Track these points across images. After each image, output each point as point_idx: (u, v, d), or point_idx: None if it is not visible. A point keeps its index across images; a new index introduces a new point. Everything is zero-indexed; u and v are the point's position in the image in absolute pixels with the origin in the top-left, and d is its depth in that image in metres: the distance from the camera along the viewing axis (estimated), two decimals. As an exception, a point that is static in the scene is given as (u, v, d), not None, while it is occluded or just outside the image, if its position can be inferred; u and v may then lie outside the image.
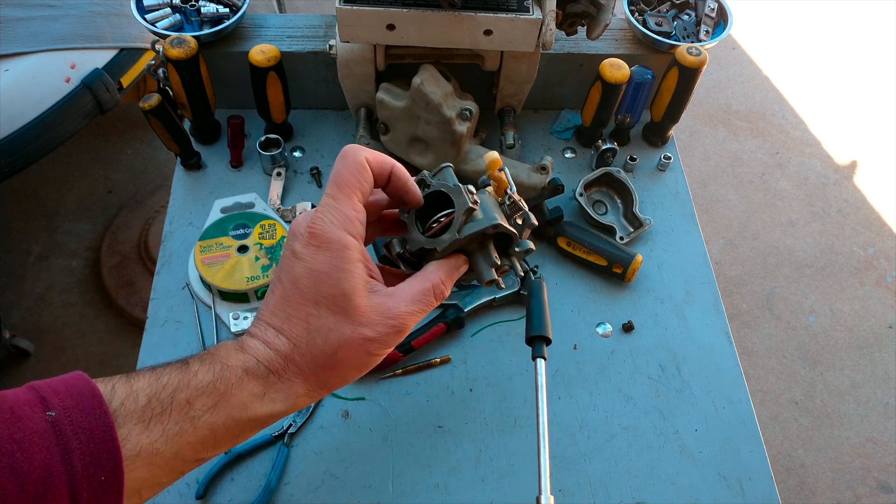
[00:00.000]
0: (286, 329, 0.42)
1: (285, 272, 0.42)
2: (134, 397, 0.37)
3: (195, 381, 0.39)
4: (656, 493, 0.70)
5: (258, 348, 0.42)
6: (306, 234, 0.42)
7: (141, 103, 0.81)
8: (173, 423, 0.38)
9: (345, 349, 0.42)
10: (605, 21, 0.80)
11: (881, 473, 1.63)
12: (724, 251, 1.99)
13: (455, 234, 0.45)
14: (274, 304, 0.43)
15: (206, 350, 0.42)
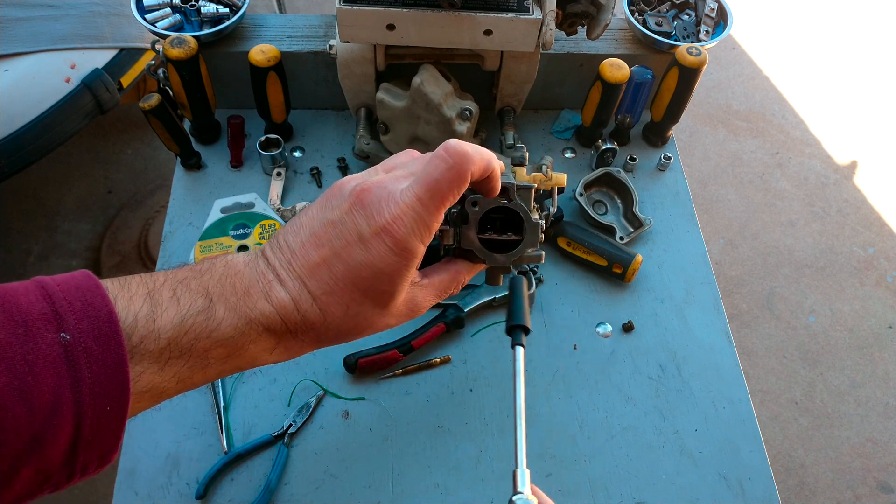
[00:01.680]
0: (323, 301, 0.41)
1: (341, 243, 0.40)
2: (155, 337, 0.36)
3: (217, 332, 0.38)
4: (656, 493, 0.70)
5: (286, 306, 0.40)
6: (382, 228, 0.40)
7: (141, 103, 0.81)
8: (186, 368, 0.38)
9: (367, 330, 0.43)
10: (605, 21, 0.80)
11: (881, 473, 1.63)
12: (724, 251, 1.99)
13: (509, 263, 0.47)
14: (316, 264, 0.41)
15: (226, 271, 0.40)
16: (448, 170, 0.40)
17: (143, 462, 0.68)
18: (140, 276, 0.39)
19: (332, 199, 0.42)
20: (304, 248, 0.41)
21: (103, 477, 1.50)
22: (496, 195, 0.46)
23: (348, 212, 0.41)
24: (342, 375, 0.75)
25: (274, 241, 0.43)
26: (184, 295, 0.38)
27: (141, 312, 0.36)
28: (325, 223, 0.41)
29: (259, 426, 0.71)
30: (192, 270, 0.40)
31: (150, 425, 0.70)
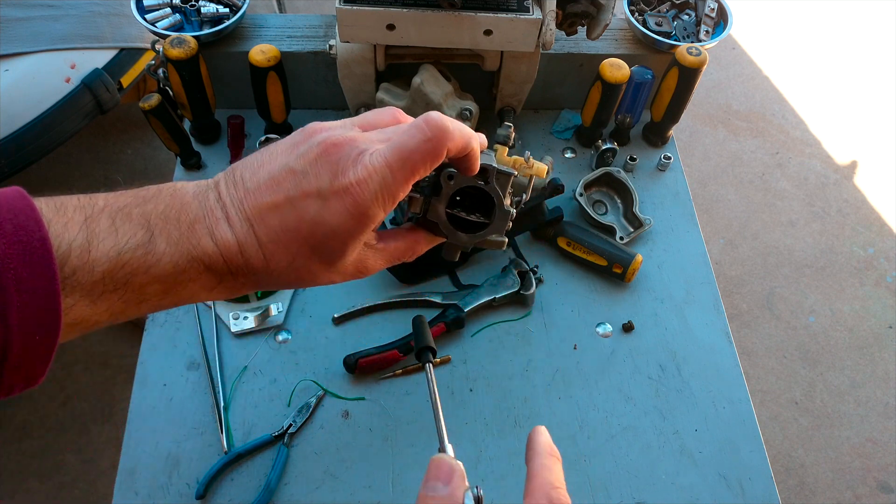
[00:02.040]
0: (269, 249, 0.39)
1: (298, 193, 0.38)
2: (89, 270, 0.34)
3: (156, 269, 0.36)
4: (656, 493, 0.70)
5: (230, 248, 0.38)
6: (344, 187, 0.37)
7: (141, 103, 0.81)
8: (120, 302, 0.36)
9: (309, 283, 0.42)
10: (605, 21, 0.80)
11: (881, 473, 1.63)
12: (724, 251, 1.99)
13: (472, 244, 0.46)
14: (269, 209, 0.38)
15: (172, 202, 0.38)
16: (424, 142, 0.38)
17: (144, 462, 0.68)
18: (77, 199, 0.36)
19: (299, 145, 0.40)
20: (260, 189, 0.39)
21: (103, 477, 1.51)
22: (473, 174, 0.44)
23: (313, 162, 0.38)
24: (342, 375, 0.75)
25: (230, 173, 0.40)
26: (123, 225, 0.36)
27: (76, 242, 0.34)
28: (287, 169, 0.39)
29: (259, 426, 0.71)
30: (136, 196, 0.38)
31: (150, 425, 0.70)
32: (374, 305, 0.80)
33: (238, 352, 0.76)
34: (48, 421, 1.53)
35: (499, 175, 0.45)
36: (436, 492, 0.34)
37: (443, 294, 0.80)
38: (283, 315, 0.78)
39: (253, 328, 0.77)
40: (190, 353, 0.75)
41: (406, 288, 0.82)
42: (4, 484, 1.45)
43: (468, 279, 0.83)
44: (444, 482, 0.35)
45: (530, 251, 0.86)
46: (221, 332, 0.77)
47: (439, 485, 0.35)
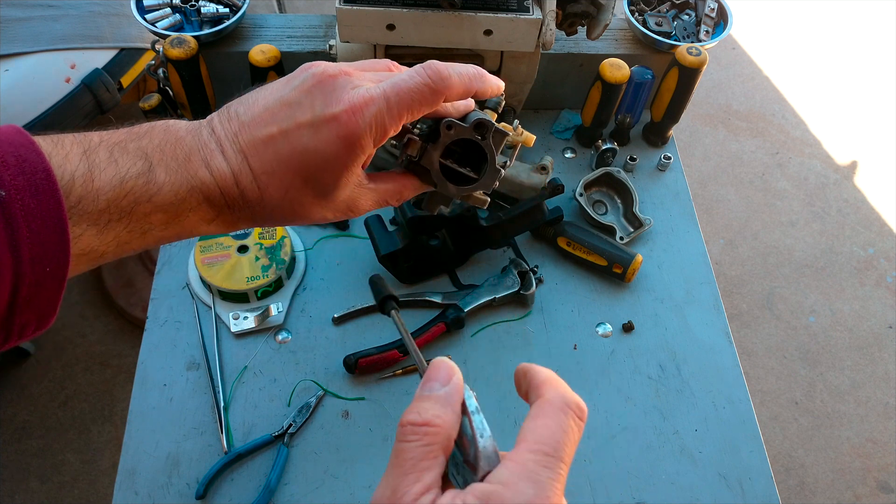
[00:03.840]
0: (263, 180, 0.39)
1: (291, 123, 0.39)
2: (94, 198, 0.34)
3: (158, 197, 0.37)
4: (656, 493, 0.70)
5: (226, 179, 0.39)
6: (336, 115, 0.38)
7: (141, 103, 0.81)
8: (126, 232, 0.36)
9: (303, 218, 0.42)
10: (605, 21, 0.80)
11: (881, 473, 1.63)
12: (724, 251, 1.99)
13: (459, 196, 0.47)
14: (263, 141, 0.39)
15: (166, 136, 0.38)
16: (423, 85, 0.39)
17: (144, 462, 0.68)
18: (73, 135, 0.36)
19: (293, 79, 0.40)
20: (254, 122, 0.39)
21: (103, 477, 1.51)
22: (487, 97, 0.46)
23: (307, 92, 0.39)
24: (342, 375, 0.75)
25: (225, 110, 0.41)
26: (121, 157, 0.36)
27: (78, 171, 0.34)
28: (281, 101, 0.39)
29: (259, 426, 0.71)
30: (129, 133, 0.38)
31: (150, 425, 0.70)
32: (374, 305, 0.80)
33: (238, 352, 0.76)
34: (48, 421, 1.53)
35: (495, 133, 0.46)
36: (432, 391, 0.34)
37: (443, 294, 0.80)
38: (283, 315, 0.78)
39: (253, 328, 0.77)
40: (190, 353, 0.75)
41: (406, 288, 0.82)
42: (4, 484, 1.45)
43: (468, 279, 0.83)
44: (442, 382, 0.34)
45: (530, 251, 0.86)
46: (221, 332, 0.77)
47: (437, 384, 0.34)
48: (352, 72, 0.41)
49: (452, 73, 0.40)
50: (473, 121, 0.45)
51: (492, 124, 0.45)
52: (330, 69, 0.40)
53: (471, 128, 0.45)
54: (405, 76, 0.40)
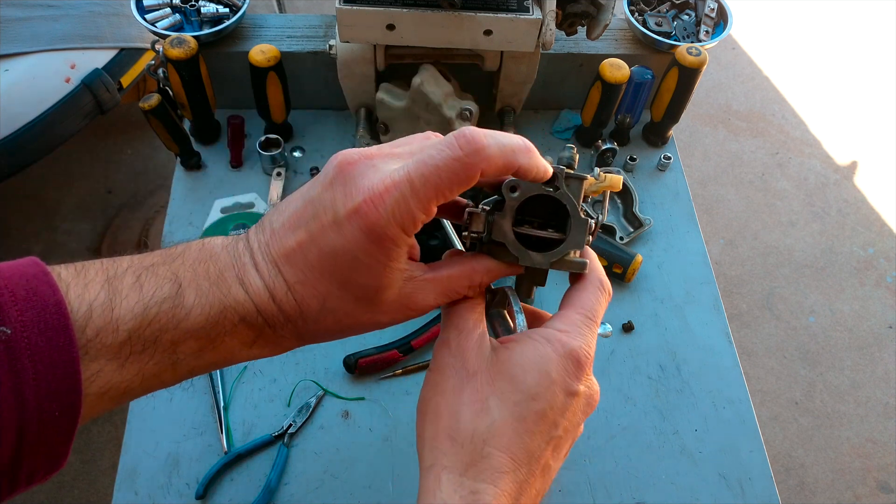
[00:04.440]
0: (298, 291, 0.36)
1: (317, 225, 0.35)
2: (114, 329, 0.32)
3: (186, 322, 0.34)
4: (656, 493, 0.70)
5: (261, 295, 0.36)
6: (356, 208, 0.34)
7: (141, 103, 0.81)
8: (153, 364, 0.34)
9: (354, 328, 0.38)
10: (605, 21, 0.80)
11: (881, 473, 1.63)
12: (723, 251, 1.99)
13: (548, 264, 0.40)
14: (292, 249, 0.36)
15: (201, 255, 0.36)
16: (453, 159, 0.33)
17: (144, 462, 0.68)
18: (101, 262, 0.34)
19: (321, 173, 0.37)
20: (283, 228, 0.36)
21: (103, 477, 1.50)
22: (542, 180, 0.39)
23: (328, 187, 0.35)
24: (342, 375, 0.75)
25: (261, 220, 0.39)
26: (148, 281, 0.34)
27: (97, 301, 0.32)
28: (306, 201, 0.36)
29: (259, 426, 0.71)
30: (163, 255, 0.36)
31: (150, 425, 0.70)
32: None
33: (238, 352, 0.76)
34: (48, 421, 1.53)
35: (569, 179, 0.39)
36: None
37: (443, 294, 0.80)
38: (283, 315, 0.78)
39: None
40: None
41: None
42: (4, 484, 1.45)
43: (468, 279, 0.83)
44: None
45: (530, 251, 0.86)
46: (221, 332, 0.77)
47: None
48: (375, 153, 0.36)
49: (491, 142, 0.34)
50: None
51: (562, 170, 0.39)
52: (351, 155, 0.36)
53: (538, 182, 0.39)
54: (433, 150, 0.34)
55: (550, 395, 0.37)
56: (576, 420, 0.40)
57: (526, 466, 0.37)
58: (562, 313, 0.40)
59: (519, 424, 0.37)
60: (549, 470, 0.40)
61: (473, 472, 0.36)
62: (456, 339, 0.39)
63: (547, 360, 0.37)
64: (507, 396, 0.37)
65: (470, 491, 0.35)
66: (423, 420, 0.39)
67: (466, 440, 0.36)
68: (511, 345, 0.39)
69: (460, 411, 0.37)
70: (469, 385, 0.38)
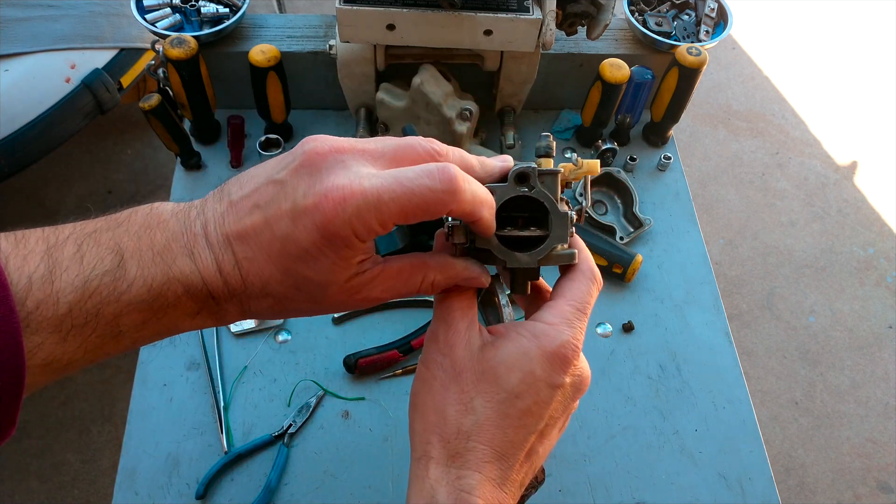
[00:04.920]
0: (245, 268, 0.35)
1: (274, 209, 0.34)
2: (54, 302, 0.31)
3: (128, 295, 0.33)
4: (656, 493, 0.70)
5: (209, 268, 0.35)
6: (316, 202, 0.33)
7: (141, 103, 0.81)
8: (95, 336, 0.33)
9: (294, 313, 0.39)
10: (605, 21, 0.80)
11: (881, 473, 1.63)
12: (724, 251, 1.99)
13: (535, 262, 0.41)
14: (247, 226, 0.35)
15: (147, 221, 0.35)
16: (428, 190, 0.33)
17: (144, 462, 0.68)
18: (41, 230, 0.33)
19: (289, 155, 0.36)
20: (241, 203, 0.36)
21: (103, 477, 1.50)
22: (487, 236, 0.39)
23: (293, 173, 0.35)
24: (342, 375, 0.75)
25: (222, 186, 0.38)
26: (90, 251, 0.33)
27: (36, 273, 0.31)
28: (269, 181, 0.35)
29: (259, 426, 0.71)
30: (107, 220, 0.35)
31: (150, 425, 0.70)
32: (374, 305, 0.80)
33: (238, 352, 0.76)
34: (48, 421, 1.53)
35: (542, 177, 0.40)
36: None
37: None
38: (283, 315, 0.78)
39: (253, 328, 0.77)
40: (190, 353, 0.75)
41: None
42: (4, 484, 1.45)
43: (468, 279, 0.83)
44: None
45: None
46: (221, 331, 0.77)
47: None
48: (346, 148, 0.35)
49: (466, 188, 0.35)
50: (512, 173, 0.39)
51: (533, 170, 0.39)
52: (321, 146, 0.35)
53: (512, 184, 0.39)
54: (411, 173, 0.34)
55: (534, 392, 0.38)
56: (563, 407, 0.41)
57: (510, 456, 0.39)
58: (552, 304, 0.41)
59: (502, 421, 0.38)
60: (536, 454, 0.41)
61: (459, 462, 0.38)
62: (444, 334, 0.40)
63: (531, 358, 0.38)
64: (491, 396, 0.38)
65: (456, 477, 0.38)
66: (414, 413, 0.42)
67: (452, 436, 0.38)
68: (498, 342, 0.40)
69: (446, 410, 0.39)
70: (455, 384, 0.39)
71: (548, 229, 0.40)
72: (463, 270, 0.41)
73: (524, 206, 0.40)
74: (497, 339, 0.40)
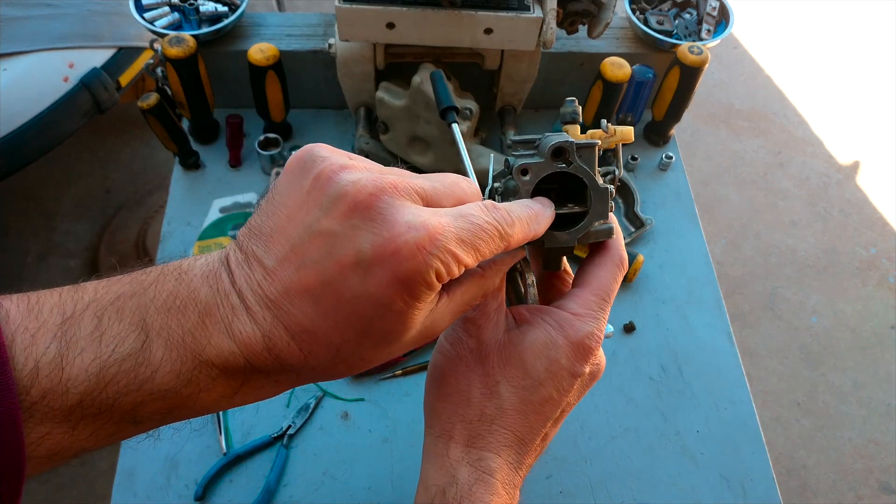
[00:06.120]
0: (305, 341, 0.30)
1: (333, 266, 0.29)
2: (63, 392, 0.27)
3: (151, 384, 0.29)
4: (657, 495, 0.70)
5: (253, 344, 0.30)
6: (396, 252, 0.29)
7: (139, 102, 0.80)
8: (111, 424, 0.29)
9: (363, 368, 0.34)
10: (607, 19, 0.80)
11: (883, 474, 1.63)
12: (725, 251, 1.98)
13: (574, 241, 0.39)
14: (297, 292, 0.30)
15: (177, 289, 0.30)
16: (493, 227, 0.33)
17: (142, 463, 0.68)
18: (59, 294, 0.29)
19: (314, 193, 0.31)
20: (282, 266, 0.30)
21: (102, 478, 1.50)
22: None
23: (343, 219, 0.29)
24: (341, 376, 0.75)
25: (241, 244, 0.32)
26: (110, 328, 0.29)
27: (45, 357, 0.27)
28: (312, 233, 0.30)
29: (258, 427, 0.71)
30: (132, 283, 0.31)
31: (147, 426, 0.70)
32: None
33: (237, 352, 0.75)
34: (47, 421, 1.53)
35: (580, 150, 0.38)
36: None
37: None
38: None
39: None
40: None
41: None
42: (3, 484, 1.45)
43: (468, 279, 0.83)
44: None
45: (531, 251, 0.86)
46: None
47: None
48: (394, 182, 0.31)
49: (515, 217, 0.34)
50: (548, 149, 0.37)
51: (571, 144, 0.37)
52: (364, 181, 0.30)
53: (548, 160, 0.37)
54: (473, 210, 0.32)
55: (557, 381, 0.39)
56: (579, 394, 0.42)
57: (529, 441, 0.40)
58: (576, 293, 0.41)
59: (525, 407, 0.39)
60: (548, 437, 0.43)
61: (480, 444, 0.39)
62: (473, 314, 0.40)
63: (556, 347, 0.39)
64: (516, 382, 0.39)
65: (477, 458, 0.38)
66: (434, 389, 0.41)
67: (475, 418, 0.39)
68: (524, 328, 0.40)
69: (471, 392, 0.39)
70: (480, 366, 0.39)
71: (585, 204, 0.39)
72: (511, 257, 0.39)
73: (557, 178, 0.38)
74: (523, 325, 0.40)
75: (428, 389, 0.42)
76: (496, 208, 0.34)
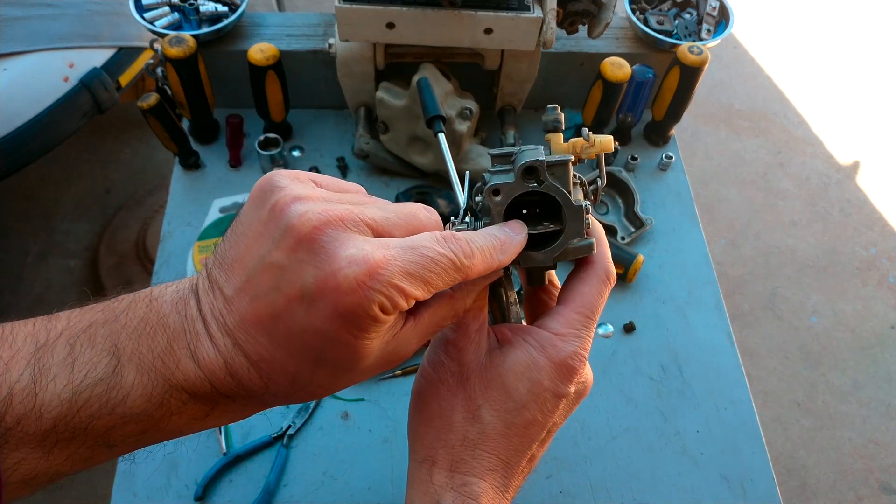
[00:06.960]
0: (265, 370, 0.31)
1: (281, 299, 0.30)
2: (37, 418, 0.28)
3: (123, 407, 0.29)
4: (657, 495, 0.70)
5: (216, 370, 0.31)
6: (337, 287, 0.29)
7: (139, 102, 0.80)
8: (85, 449, 0.30)
9: (327, 392, 0.34)
10: (607, 20, 0.80)
11: (883, 474, 1.63)
12: (725, 251, 1.98)
13: (551, 260, 0.38)
14: (252, 322, 0.30)
15: (147, 316, 0.31)
16: (446, 258, 0.31)
17: (142, 463, 0.68)
18: (32, 324, 0.30)
19: (269, 223, 0.31)
20: (238, 296, 0.31)
21: (102, 478, 1.50)
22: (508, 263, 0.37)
23: (289, 252, 0.29)
24: (341, 376, 0.75)
25: (207, 270, 0.33)
26: (82, 354, 0.29)
27: (19, 384, 0.28)
28: (263, 265, 0.30)
29: (258, 427, 0.71)
30: (104, 311, 0.31)
31: (147, 426, 0.70)
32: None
33: (236, 352, 0.75)
34: (47, 421, 1.53)
35: (552, 168, 0.37)
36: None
37: (443, 294, 0.80)
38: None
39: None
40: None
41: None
42: (3, 484, 1.45)
43: (468, 279, 0.83)
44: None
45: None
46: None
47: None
48: (341, 213, 0.30)
49: (475, 248, 0.33)
50: (519, 168, 0.36)
51: (541, 163, 0.36)
52: (312, 212, 0.30)
53: (519, 179, 0.36)
54: (425, 241, 0.31)
55: (541, 402, 0.38)
56: (565, 414, 0.41)
57: (514, 464, 0.39)
58: (559, 310, 0.40)
59: (509, 430, 0.38)
60: (535, 458, 0.42)
61: (464, 468, 0.38)
62: (454, 336, 0.39)
63: (538, 368, 0.38)
64: (498, 405, 0.38)
65: (461, 483, 0.38)
66: (417, 414, 0.41)
67: (457, 443, 0.38)
68: (506, 349, 0.39)
69: (453, 416, 0.38)
70: (462, 390, 0.39)
71: (562, 223, 0.37)
72: (486, 280, 0.38)
73: (533, 196, 0.37)
74: (504, 346, 0.39)
75: (411, 413, 0.41)
76: (454, 239, 0.32)
